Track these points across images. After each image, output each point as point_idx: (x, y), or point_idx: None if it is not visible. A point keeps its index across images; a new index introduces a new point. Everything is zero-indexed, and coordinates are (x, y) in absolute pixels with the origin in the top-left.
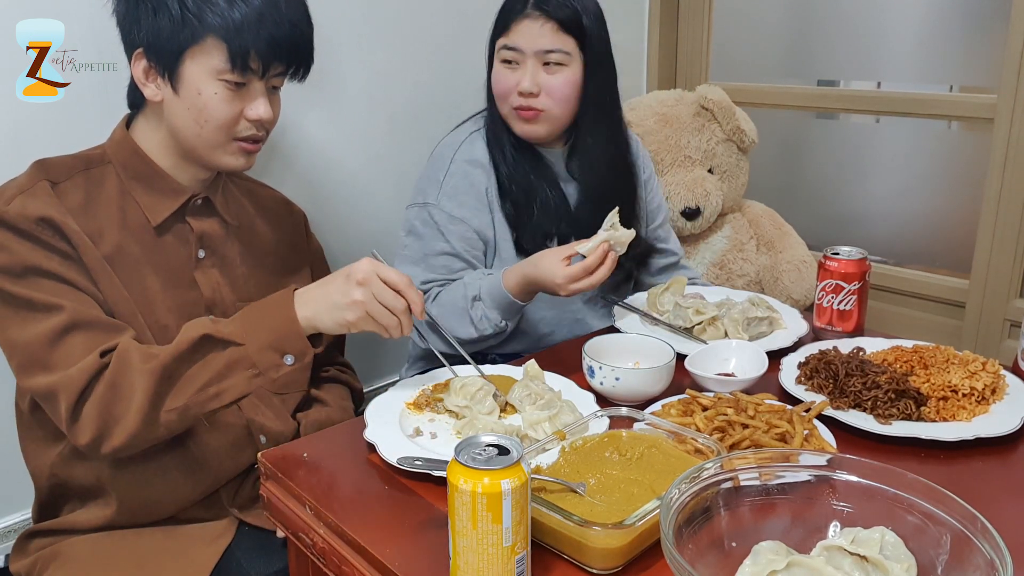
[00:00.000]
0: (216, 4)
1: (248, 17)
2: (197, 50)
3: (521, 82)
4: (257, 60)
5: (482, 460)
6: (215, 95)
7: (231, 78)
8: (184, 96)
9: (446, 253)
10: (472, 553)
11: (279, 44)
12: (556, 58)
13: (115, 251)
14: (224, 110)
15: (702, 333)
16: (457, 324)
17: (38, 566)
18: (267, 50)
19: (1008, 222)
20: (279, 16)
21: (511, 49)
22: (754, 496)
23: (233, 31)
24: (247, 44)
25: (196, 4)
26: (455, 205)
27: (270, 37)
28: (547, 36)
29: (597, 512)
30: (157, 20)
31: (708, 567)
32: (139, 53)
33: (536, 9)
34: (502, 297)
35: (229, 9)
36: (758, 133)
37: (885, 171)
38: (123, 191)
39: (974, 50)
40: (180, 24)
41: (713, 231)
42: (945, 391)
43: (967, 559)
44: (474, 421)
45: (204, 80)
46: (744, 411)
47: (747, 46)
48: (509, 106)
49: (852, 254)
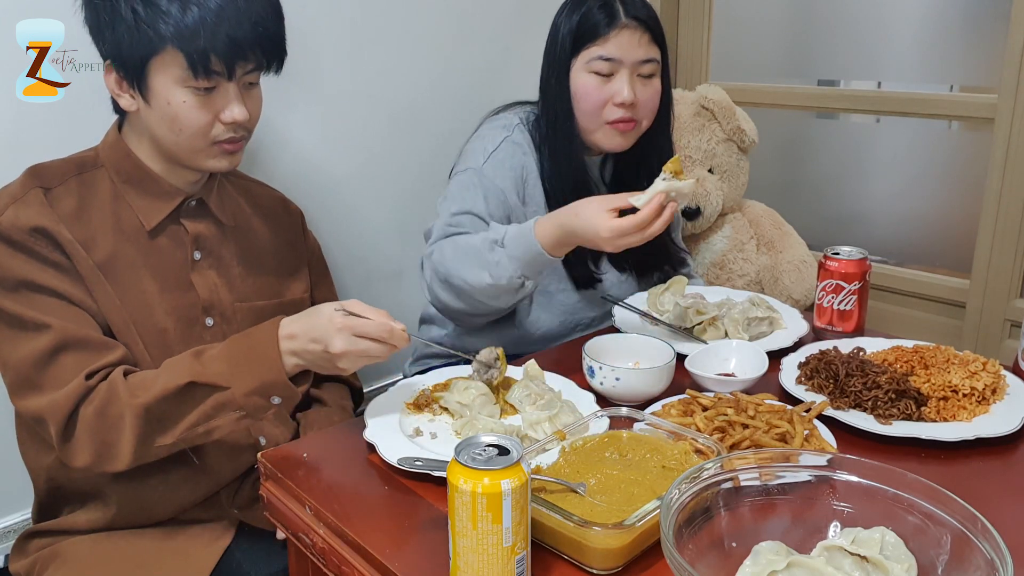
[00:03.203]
0: (168, 13)
1: (202, 21)
2: (159, 60)
3: (620, 93)
4: (220, 63)
5: (482, 460)
6: (184, 103)
7: (197, 84)
8: (155, 106)
9: (477, 215)
10: (472, 553)
11: (240, 43)
12: (649, 68)
13: (110, 257)
14: (196, 117)
15: (702, 333)
16: (467, 266)
17: (37, 566)
18: (228, 51)
19: (1008, 222)
20: (237, 14)
21: (607, 60)
22: (754, 496)
23: (188, 38)
24: (205, 49)
25: (149, 15)
26: (499, 175)
27: (229, 38)
28: (644, 46)
29: (597, 512)
30: (116, 33)
31: (708, 567)
32: (108, 65)
33: (632, 19)
34: (529, 246)
35: (182, 16)
36: (758, 133)
37: (885, 171)
38: (116, 195)
39: (974, 50)
40: (137, 36)
41: (713, 231)
42: (945, 391)
43: (967, 559)
44: (474, 421)
45: (171, 89)
46: (744, 411)
47: (747, 46)
48: (602, 119)
49: (852, 254)
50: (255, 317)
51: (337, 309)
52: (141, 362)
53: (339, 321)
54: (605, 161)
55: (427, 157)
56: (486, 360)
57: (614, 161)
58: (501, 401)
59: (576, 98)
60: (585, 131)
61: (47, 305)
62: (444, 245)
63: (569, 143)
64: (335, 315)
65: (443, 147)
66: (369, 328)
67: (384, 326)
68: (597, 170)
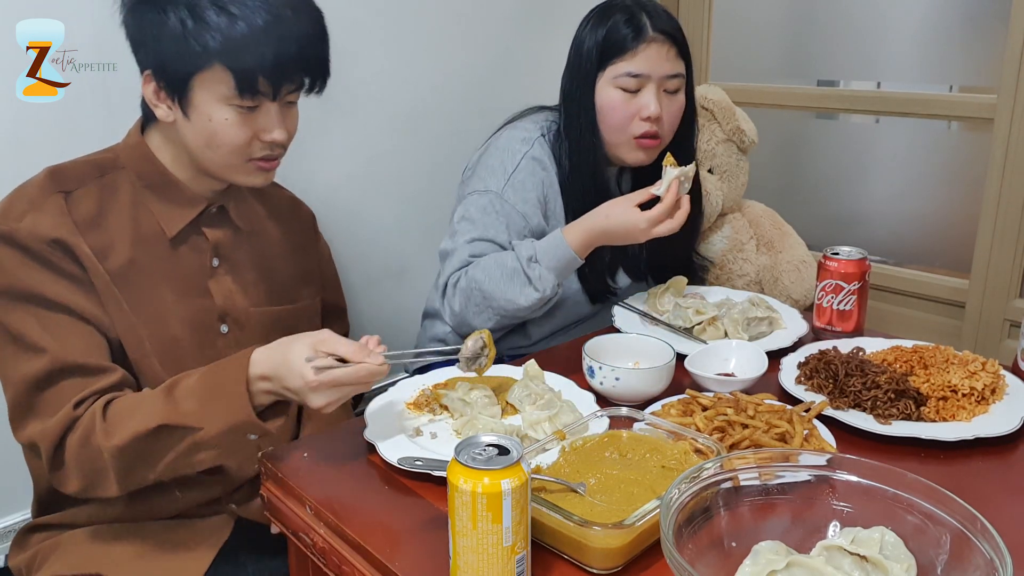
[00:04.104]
0: (216, 27)
1: (251, 38)
2: (204, 76)
3: (647, 107)
4: (267, 83)
5: (482, 460)
6: (226, 120)
7: (241, 103)
8: (195, 121)
9: (498, 243)
10: (472, 553)
11: (288, 64)
12: (675, 84)
13: (127, 265)
14: (237, 135)
15: (702, 333)
16: (511, 287)
17: (38, 559)
18: (275, 72)
19: (1008, 222)
20: (286, 32)
21: (634, 76)
22: (754, 496)
23: (237, 56)
24: (253, 69)
25: (197, 29)
26: (520, 200)
27: (277, 58)
28: (671, 61)
29: (597, 512)
30: (162, 44)
31: (708, 567)
32: (148, 75)
33: (660, 33)
34: (562, 255)
35: (230, 29)
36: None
37: (885, 171)
38: (136, 200)
39: (974, 50)
40: (185, 49)
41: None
42: (945, 391)
43: (967, 559)
44: (474, 421)
45: (214, 106)
46: (744, 411)
47: (747, 46)
48: (629, 134)
49: (852, 254)
50: (270, 322)
51: (308, 360)
52: (151, 374)
53: (313, 380)
54: (622, 172)
55: (430, 157)
56: (471, 353)
57: (632, 172)
58: (502, 401)
59: (602, 113)
60: (609, 145)
61: (53, 323)
62: (472, 272)
63: (593, 157)
64: (307, 373)
65: (446, 147)
66: (346, 375)
67: (360, 370)
68: (614, 181)
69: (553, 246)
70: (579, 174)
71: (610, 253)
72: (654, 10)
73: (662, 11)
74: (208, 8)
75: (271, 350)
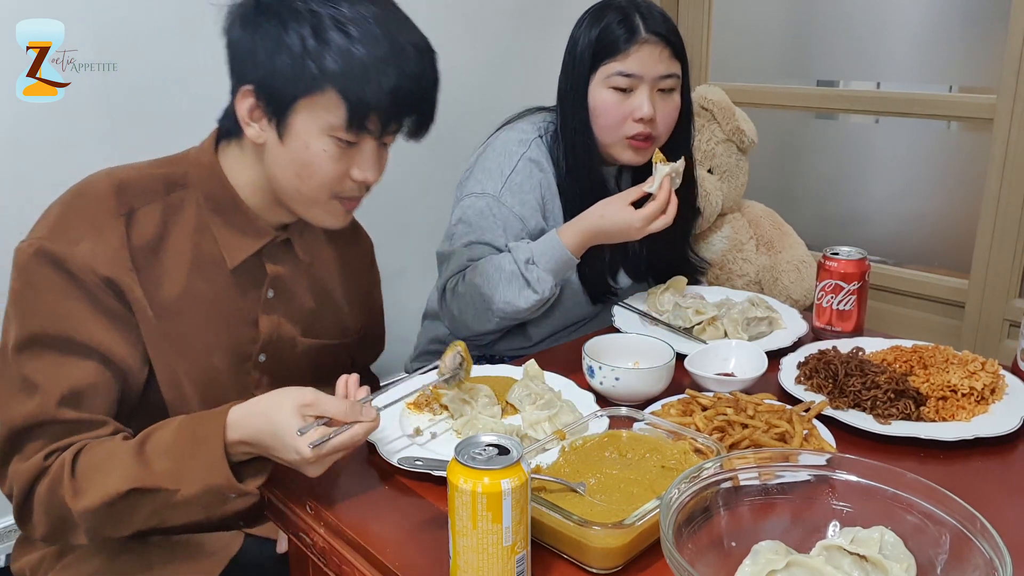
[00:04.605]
0: (338, 50)
1: (372, 69)
2: (313, 100)
3: (640, 108)
4: (376, 120)
5: (482, 460)
6: (323, 152)
7: (344, 136)
8: (289, 147)
9: (494, 247)
10: (472, 553)
11: (402, 103)
12: (670, 84)
13: (179, 296)
14: (330, 169)
15: (702, 333)
16: (507, 290)
17: (44, 564)
18: (390, 108)
19: (1007, 222)
20: (406, 70)
21: (627, 76)
22: (754, 496)
23: (354, 85)
24: (368, 102)
25: (318, 48)
26: (517, 202)
27: (394, 94)
28: (665, 62)
29: (597, 512)
30: (275, 60)
31: (708, 567)
32: (248, 90)
33: (653, 34)
34: (559, 256)
35: (351, 55)
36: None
37: (885, 171)
38: (200, 223)
39: (974, 50)
40: (299, 69)
41: (712, 231)
42: (944, 391)
43: (966, 559)
44: (474, 420)
45: (314, 134)
46: (744, 411)
47: (747, 47)
48: (622, 135)
49: (852, 254)
50: (311, 354)
51: (301, 432)
52: (182, 405)
53: (311, 456)
54: (620, 171)
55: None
56: (450, 371)
57: (631, 172)
58: (502, 401)
59: (595, 113)
60: (603, 145)
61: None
62: (470, 276)
63: (588, 157)
64: (303, 450)
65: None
66: (343, 443)
67: (357, 433)
68: (613, 180)
69: (549, 248)
70: (576, 174)
71: (610, 253)
72: (648, 11)
73: (657, 12)
74: (332, 29)
75: (250, 416)
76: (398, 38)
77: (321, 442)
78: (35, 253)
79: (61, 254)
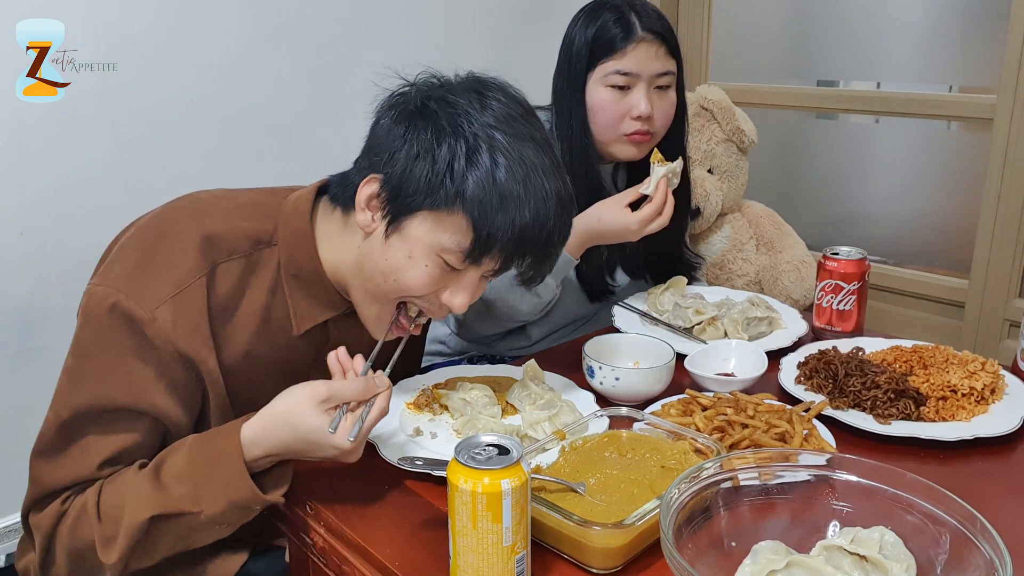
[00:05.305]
0: (483, 173)
1: (508, 202)
2: (438, 216)
3: (637, 106)
4: (498, 257)
5: (482, 460)
6: (424, 268)
7: (452, 261)
8: (392, 246)
9: None
10: (472, 553)
11: (528, 245)
12: (666, 81)
13: (241, 356)
14: (422, 284)
15: (702, 333)
16: (509, 295)
17: None
18: (513, 249)
19: (1007, 222)
20: (541, 212)
21: (624, 74)
22: (754, 496)
23: (487, 215)
24: (495, 237)
25: (461, 171)
26: None
27: (522, 234)
28: (661, 59)
29: (597, 512)
30: (417, 164)
31: (708, 567)
32: (376, 178)
33: (649, 32)
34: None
35: (492, 180)
36: (758, 133)
37: (885, 171)
38: (276, 285)
39: (974, 50)
40: (438, 182)
41: (713, 231)
42: (944, 391)
43: (966, 559)
44: (474, 420)
45: (423, 248)
46: (744, 411)
47: (747, 46)
48: (619, 132)
49: (852, 254)
50: None
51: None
52: None
53: (350, 446)
54: (617, 169)
55: None
56: None
57: (627, 169)
58: (502, 401)
59: (592, 112)
60: (600, 143)
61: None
62: None
63: (585, 155)
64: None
65: None
66: (374, 418)
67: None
68: (610, 178)
69: None
70: (573, 173)
71: (607, 252)
72: (643, 9)
73: (651, 10)
74: (484, 154)
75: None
76: (544, 182)
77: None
78: (111, 309)
79: (140, 318)
